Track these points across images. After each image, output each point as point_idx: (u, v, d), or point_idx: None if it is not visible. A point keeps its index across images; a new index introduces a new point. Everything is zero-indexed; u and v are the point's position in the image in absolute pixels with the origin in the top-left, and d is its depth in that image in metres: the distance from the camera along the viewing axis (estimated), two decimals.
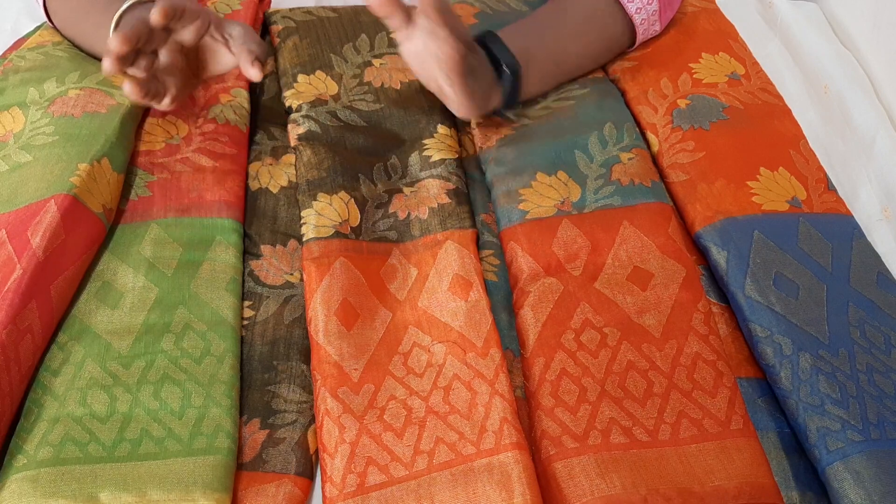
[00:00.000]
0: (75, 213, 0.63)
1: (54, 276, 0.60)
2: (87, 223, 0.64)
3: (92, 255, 0.65)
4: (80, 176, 0.65)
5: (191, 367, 0.59)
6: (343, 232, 0.67)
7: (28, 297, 0.58)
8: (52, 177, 0.65)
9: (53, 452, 0.54)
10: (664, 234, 0.67)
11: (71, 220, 0.62)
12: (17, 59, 0.80)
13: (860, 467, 0.53)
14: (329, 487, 0.55)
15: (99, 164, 0.67)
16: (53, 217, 0.61)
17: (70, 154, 0.67)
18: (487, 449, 0.55)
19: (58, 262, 0.61)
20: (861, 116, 0.81)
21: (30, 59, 0.79)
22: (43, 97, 0.74)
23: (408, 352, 0.61)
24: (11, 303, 0.57)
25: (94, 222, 0.65)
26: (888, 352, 0.60)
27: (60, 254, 0.61)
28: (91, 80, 0.76)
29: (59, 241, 0.61)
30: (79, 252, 0.63)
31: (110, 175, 0.67)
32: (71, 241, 0.62)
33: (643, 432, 0.56)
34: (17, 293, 0.57)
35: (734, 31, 0.88)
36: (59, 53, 0.80)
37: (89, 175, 0.65)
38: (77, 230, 0.63)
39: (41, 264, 0.59)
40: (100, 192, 0.66)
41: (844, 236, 0.67)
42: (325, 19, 0.88)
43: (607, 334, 0.61)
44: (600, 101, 0.79)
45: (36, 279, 0.58)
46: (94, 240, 0.65)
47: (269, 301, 0.66)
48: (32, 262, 0.59)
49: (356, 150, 0.75)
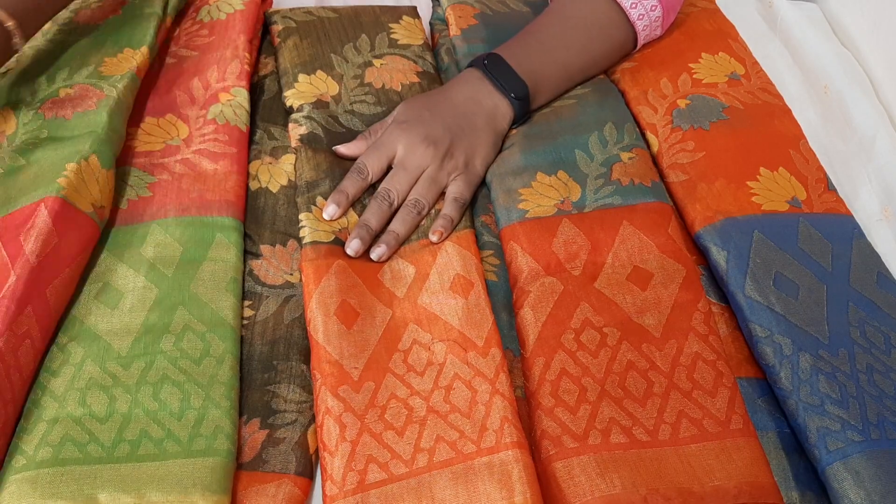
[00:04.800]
0: (65, 214, 0.62)
1: (50, 280, 0.60)
2: (79, 224, 0.63)
3: (87, 255, 0.64)
4: (67, 176, 0.64)
5: (190, 367, 0.59)
6: (342, 239, 0.67)
7: (24, 302, 0.57)
8: (41, 180, 0.64)
9: (53, 453, 0.54)
10: (664, 234, 0.67)
11: (62, 222, 0.62)
12: None
13: (860, 467, 0.53)
14: (329, 486, 0.55)
15: (87, 161, 0.66)
16: (45, 221, 0.61)
17: (60, 156, 0.66)
18: (488, 447, 0.55)
19: (52, 266, 0.60)
20: (861, 116, 0.81)
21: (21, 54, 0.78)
22: (34, 98, 0.74)
23: (408, 349, 0.61)
24: (7, 310, 0.56)
25: (86, 222, 0.64)
26: (888, 352, 0.60)
27: (55, 257, 0.60)
28: (81, 76, 0.75)
29: (53, 244, 0.60)
30: (73, 254, 0.62)
31: (99, 172, 0.67)
32: (64, 244, 0.61)
33: (643, 432, 0.56)
34: (12, 299, 0.57)
35: (734, 31, 0.88)
36: (51, 48, 0.79)
37: (76, 174, 0.64)
38: (69, 232, 0.62)
39: (35, 269, 0.59)
40: (88, 191, 0.65)
41: (844, 236, 0.67)
42: (325, 19, 0.88)
43: (607, 334, 0.61)
44: (601, 101, 0.79)
45: (30, 285, 0.58)
46: (87, 240, 0.64)
47: (269, 301, 0.66)
48: (26, 268, 0.58)
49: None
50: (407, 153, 0.71)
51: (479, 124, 0.74)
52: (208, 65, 0.81)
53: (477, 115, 0.74)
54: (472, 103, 0.74)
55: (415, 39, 0.87)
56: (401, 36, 0.87)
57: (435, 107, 0.74)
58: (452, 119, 0.73)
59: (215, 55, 0.82)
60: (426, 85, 0.82)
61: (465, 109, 0.74)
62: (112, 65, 0.77)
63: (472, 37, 0.85)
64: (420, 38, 0.88)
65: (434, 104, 0.74)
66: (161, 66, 0.83)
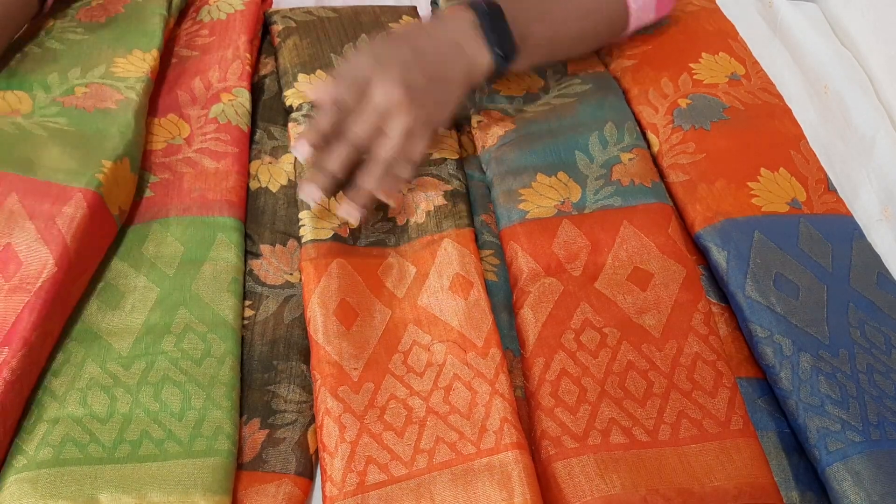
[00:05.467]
0: (99, 212, 0.62)
1: (77, 277, 0.59)
2: (106, 224, 0.64)
3: (100, 259, 0.64)
4: (105, 174, 0.63)
5: (191, 368, 0.59)
6: (342, 235, 0.67)
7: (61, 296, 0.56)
8: (73, 163, 0.63)
9: (53, 453, 0.54)
10: (664, 235, 0.67)
11: (95, 220, 0.62)
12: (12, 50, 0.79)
13: (860, 468, 0.53)
14: (329, 486, 0.55)
15: (121, 163, 0.66)
16: (84, 213, 0.60)
17: (88, 146, 0.66)
18: (487, 448, 0.55)
19: (80, 263, 0.60)
20: (861, 116, 0.81)
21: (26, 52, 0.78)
22: (48, 92, 0.73)
23: (408, 350, 0.61)
24: (46, 299, 0.55)
25: (111, 224, 0.64)
26: (888, 352, 0.60)
27: (83, 253, 0.60)
28: (94, 75, 0.75)
29: (86, 242, 0.60)
30: (95, 254, 0.62)
31: (128, 176, 0.67)
32: (92, 242, 0.61)
33: (643, 432, 0.56)
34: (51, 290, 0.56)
35: (734, 31, 0.88)
36: (56, 45, 0.79)
37: (112, 174, 0.64)
38: (97, 231, 0.62)
39: (73, 262, 0.58)
40: (118, 194, 0.65)
41: (844, 237, 0.67)
42: (325, 19, 0.88)
43: (607, 334, 0.61)
44: (601, 100, 0.79)
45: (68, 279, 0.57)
46: (107, 242, 0.64)
47: (269, 301, 0.66)
48: (65, 259, 0.58)
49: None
50: (379, 92, 0.64)
51: (456, 75, 0.68)
52: (209, 65, 0.81)
53: (457, 63, 0.68)
54: (455, 50, 0.68)
55: None
56: None
57: (417, 47, 0.67)
58: (433, 65, 0.67)
59: (216, 55, 0.82)
60: None
61: (447, 55, 0.68)
62: (123, 66, 0.77)
63: None
64: None
65: (416, 43, 0.68)
66: (162, 66, 0.83)
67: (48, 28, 0.81)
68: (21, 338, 0.55)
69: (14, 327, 0.55)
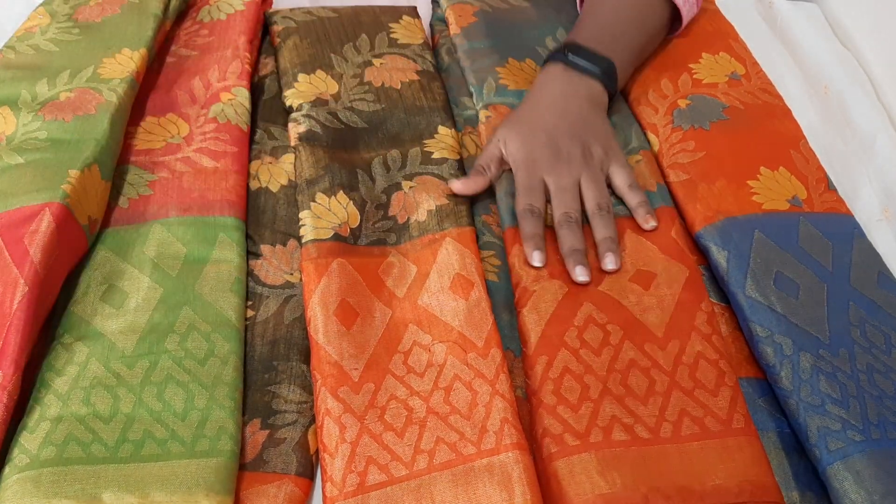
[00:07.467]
0: (66, 224, 0.61)
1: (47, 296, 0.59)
2: (74, 236, 0.63)
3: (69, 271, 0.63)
4: (72, 184, 0.63)
5: (194, 368, 0.59)
6: (342, 234, 0.67)
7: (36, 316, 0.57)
8: (43, 181, 0.63)
9: (56, 452, 0.53)
10: (667, 237, 0.67)
11: (63, 232, 0.61)
12: (8, 51, 0.79)
13: (860, 467, 0.53)
14: (329, 487, 0.55)
15: (89, 171, 0.65)
16: (50, 227, 0.60)
17: (61, 160, 0.65)
18: (488, 449, 0.55)
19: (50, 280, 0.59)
20: (861, 116, 0.81)
21: (21, 53, 0.78)
22: (35, 100, 0.73)
23: (408, 350, 0.61)
24: (26, 321, 0.56)
25: (80, 236, 0.63)
26: (889, 351, 0.60)
27: (52, 270, 0.59)
28: (81, 79, 0.75)
29: (55, 255, 0.60)
30: (63, 269, 0.61)
31: (98, 184, 0.66)
32: (61, 255, 0.61)
33: (645, 430, 0.56)
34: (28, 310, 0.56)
35: (734, 31, 0.88)
36: (50, 47, 0.79)
37: (80, 183, 0.64)
38: (65, 244, 0.61)
39: (42, 281, 0.58)
40: (88, 203, 0.65)
41: (845, 236, 0.67)
42: (325, 19, 0.88)
43: (610, 332, 0.61)
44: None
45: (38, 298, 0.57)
46: (76, 256, 0.63)
47: (269, 301, 0.66)
48: (37, 279, 0.57)
49: (355, 150, 0.75)
50: (555, 179, 0.69)
51: (587, 113, 0.73)
52: (209, 64, 0.81)
53: (581, 106, 0.73)
54: (570, 98, 0.74)
55: (414, 39, 0.88)
56: (400, 35, 0.87)
57: (541, 123, 0.72)
58: (563, 122, 0.72)
59: (216, 55, 0.82)
60: (426, 83, 0.82)
61: (567, 107, 0.73)
62: (110, 66, 0.77)
63: (472, 33, 0.86)
64: (420, 38, 0.88)
65: (536, 121, 0.73)
66: (161, 66, 0.83)
67: (44, 28, 0.81)
68: (12, 361, 0.55)
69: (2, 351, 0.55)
